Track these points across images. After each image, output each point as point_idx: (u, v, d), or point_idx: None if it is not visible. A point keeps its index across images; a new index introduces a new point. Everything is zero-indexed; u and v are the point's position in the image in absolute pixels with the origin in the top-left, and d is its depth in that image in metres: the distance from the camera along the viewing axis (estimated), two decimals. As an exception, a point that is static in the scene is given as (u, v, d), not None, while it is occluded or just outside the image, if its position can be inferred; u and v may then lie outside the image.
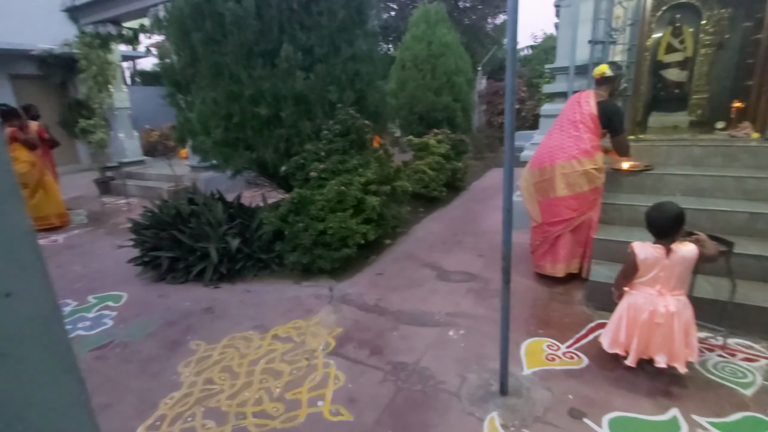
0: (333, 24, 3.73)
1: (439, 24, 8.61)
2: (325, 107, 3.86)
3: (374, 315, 2.97)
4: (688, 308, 2.07)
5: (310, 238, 3.49)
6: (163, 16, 4.06)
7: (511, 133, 1.85)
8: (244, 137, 3.84)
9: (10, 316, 0.36)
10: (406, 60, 8.60)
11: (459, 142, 6.62)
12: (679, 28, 4.95)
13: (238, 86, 3.61)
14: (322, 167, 3.64)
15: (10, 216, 0.36)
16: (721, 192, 3.25)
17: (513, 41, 1.76)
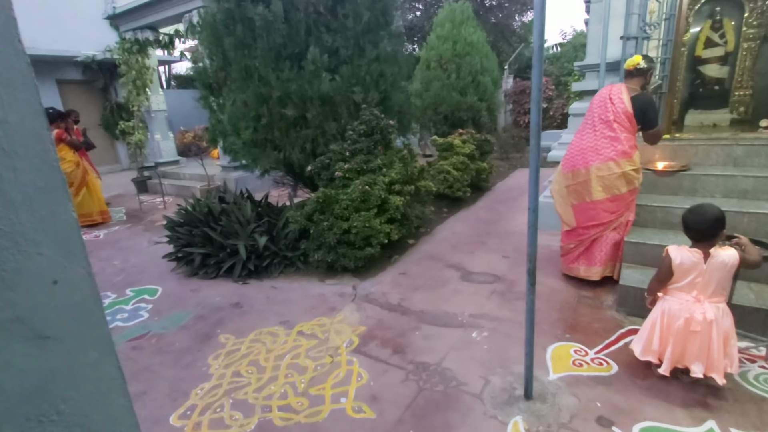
0: (358, 26, 3.75)
1: (465, 23, 8.50)
2: (350, 108, 3.90)
3: (397, 314, 2.97)
4: (728, 316, 1.96)
5: (335, 236, 3.53)
6: (197, 22, 4.22)
7: (537, 132, 1.80)
8: (272, 138, 3.93)
9: (55, 302, 0.39)
10: (431, 60, 8.55)
11: (484, 142, 6.52)
12: (720, 21, 4.69)
13: (267, 88, 3.70)
14: (347, 167, 3.68)
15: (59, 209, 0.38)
16: (764, 194, 3.06)
17: (540, 39, 1.72)
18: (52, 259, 0.39)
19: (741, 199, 3.09)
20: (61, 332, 0.40)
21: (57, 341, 0.39)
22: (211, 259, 3.83)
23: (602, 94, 3.07)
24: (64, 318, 0.40)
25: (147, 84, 8.34)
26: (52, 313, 0.39)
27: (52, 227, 0.38)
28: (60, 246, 0.39)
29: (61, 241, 0.39)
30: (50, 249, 0.38)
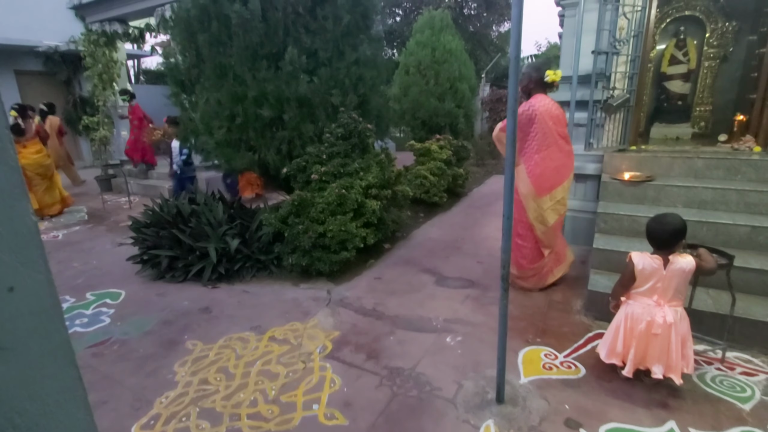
0: (338, 29, 3.76)
1: (444, 30, 8.66)
2: (328, 110, 3.88)
3: (371, 319, 2.97)
4: (685, 320, 2.07)
5: (310, 240, 3.49)
6: (170, 17, 4.10)
7: (513, 141, 1.85)
8: (246, 138, 3.86)
9: (12, 311, 0.37)
10: (410, 65, 8.65)
11: (461, 148, 6.64)
12: (683, 40, 4.98)
13: (242, 88, 3.64)
14: (324, 170, 3.66)
15: (17, 212, 0.37)
16: (722, 205, 3.26)
17: (517, 49, 1.78)
18: (8, 265, 0.37)
19: (701, 209, 3.28)
20: (17, 342, 0.38)
21: (12, 352, 0.37)
22: (179, 262, 3.71)
23: (552, 109, 3.01)
24: (20, 327, 0.38)
25: (114, 78, 8.03)
26: (8, 322, 0.37)
27: (10, 231, 0.36)
28: (17, 251, 0.37)
29: (19, 245, 0.37)
30: (6, 254, 0.36)
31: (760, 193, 3.15)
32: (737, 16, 4.75)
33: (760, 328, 2.44)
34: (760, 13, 4.41)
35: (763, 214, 3.11)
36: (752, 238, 2.92)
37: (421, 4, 14.15)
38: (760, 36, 4.24)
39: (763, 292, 2.67)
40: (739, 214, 3.13)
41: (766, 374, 2.24)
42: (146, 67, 15.62)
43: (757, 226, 2.92)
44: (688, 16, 4.94)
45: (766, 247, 2.89)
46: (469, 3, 14.88)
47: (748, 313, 2.48)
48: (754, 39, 4.57)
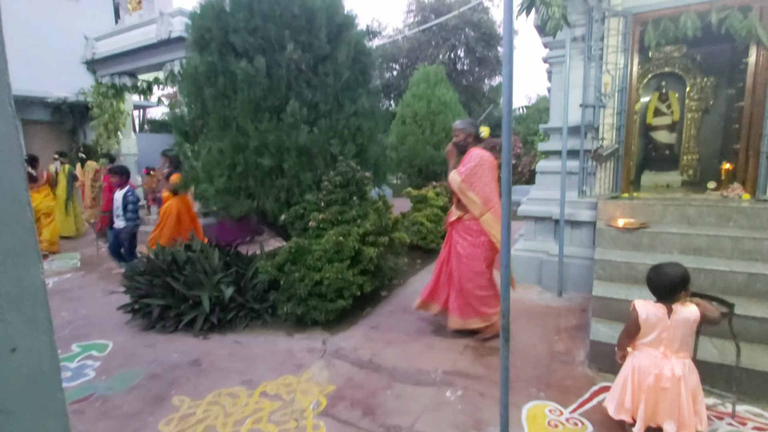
0: (338, 83, 3.97)
1: (439, 84, 9.16)
2: (327, 159, 4.01)
3: (368, 371, 2.87)
4: (694, 372, 2.02)
5: (306, 288, 3.46)
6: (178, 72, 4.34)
7: (508, 190, 1.90)
8: (246, 186, 3.94)
9: (12, 373, 0.37)
10: (406, 116, 9.04)
11: (457, 195, 6.75)
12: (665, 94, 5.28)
13: (244, 138, 3.77)
14: (322, 217, 3.70)
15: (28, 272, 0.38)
16: (717, 251, 3.29)
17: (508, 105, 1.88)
18: (13, 325, 0.37)
19: (696, 256, 3.30)
20: (17, 405, 0.37)
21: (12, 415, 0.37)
22: (170, 311, 3.63)
23: (490, 158, 3.24)
24: (18, 390, 0.37)
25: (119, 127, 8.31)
26: (7, 384, 0.37)
27: (19, 291, 0.37)
28: (24, 311, 0.38)
29: (26, 305, 0.38)
30: (13, 314, 0.37)
31: (754, 240, 3.19)
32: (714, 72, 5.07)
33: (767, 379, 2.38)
34: (735, 69, 4.72)
35: (758, 260, 3.14)
36: (750, 286, 2.92)
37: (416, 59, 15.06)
38: (738, 90, 4.50)
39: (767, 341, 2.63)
40: (735, 261, 3.15)
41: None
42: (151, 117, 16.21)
43: (754, 273, 2.93)
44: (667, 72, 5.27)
45: (765, 295, 2.89)
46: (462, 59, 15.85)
47: (755, 363, 2.42)
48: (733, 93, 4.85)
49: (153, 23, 6.68)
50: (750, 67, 3.91)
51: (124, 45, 7.19)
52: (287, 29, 3.75)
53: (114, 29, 7.76)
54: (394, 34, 16.33)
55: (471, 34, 14.87)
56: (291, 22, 3.78)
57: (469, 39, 14.88)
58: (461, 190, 3.12)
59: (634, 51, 4.19)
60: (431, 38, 15.07)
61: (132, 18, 7.32)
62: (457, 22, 14.34)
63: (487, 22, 14.93)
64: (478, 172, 3.12)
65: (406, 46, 15.52)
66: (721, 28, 3.80)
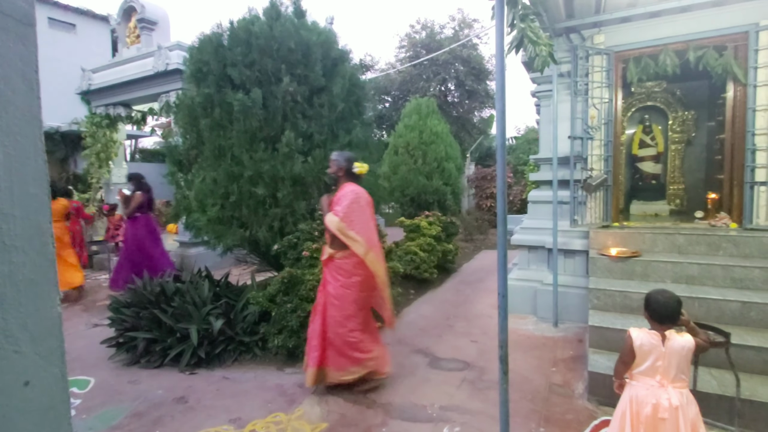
0: (333, 114, 4.08)
1: (430, 115, 9.43)
2: (321, 188, 4.05)
3: (362, 407, 2.78)
4: (693, 404, 2.00)
5: (299, 319, 3.40)
6: (174, 102, 4.42)
7: (504, 218, 1.94)
8: (239, 215, 3.94)
9: (24, 406, 0.36)
10: (399, 146, 9.23)
11: (449, 224, 6.82)
12: (649, 126, 5.50)
13: (239, 167, 3.81)
14: (315, 246, 3.69)
15: (45, 304, 0.38)
16: (710, 280, 3.34)
17: (502, 138, 1.95)
18: (28, 358, 0.37)
19: (689, 285, 3.34)
20: None
21: None
22: (156, 345, 3.52)
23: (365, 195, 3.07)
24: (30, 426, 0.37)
25: (111, 157, 8.33)
26: (18, 420, 0.36)
27: (35, 323, 0.37)
28: (38, 343, 0.37)
29: (41, 338, 0.38)
30: (28, 347, 0.37)
31: (744, 269, 3.25)
32: (694, 106, 5.32)
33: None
34: (714, 103, 4.96)
35: (750, 289, 3.18)
36: (744, 314, 2.95)
37: (408, 92, 15.55)
38: (718, 123, 4.71)
39: (765, 371, 2.62)
40: (727, 290, 3.20)
41: (786, 465, 2.11)
42: (142, 146, 16.30)
43: (746, 301, 2.97)
44: (650, 106, 5.52)
45: (759, 323, 2.91)
46: (452, 92, 16.40)
47: (755, 394, 2.41)
48: (713, 125, 5.07)
49: (150, 56, 6.86)
50: (728, 101, 4.12)
51: (120, 77, 7.33)
52: (283, 63, 3.88)
53: (111, 61, 7.93)
54: (386, 67, 16.92)
55: (461, 68, 15.47)
56: (287, 56, 3.92)
57: (459, 73, 15.46)
58: (341, 230, 2.86)
59: (618, 86, 4.40)
60: (422, 72, 15.63)
61: (130, 51, 7.50)
62: (448, 57, 14.94)
63: (476, 58, 15.58)
64: (355, 209, 2.93)
65: (399, 79, 16.05)
66: (698, 66, 4.03)
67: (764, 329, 2.89)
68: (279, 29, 3.92)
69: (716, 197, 4.46)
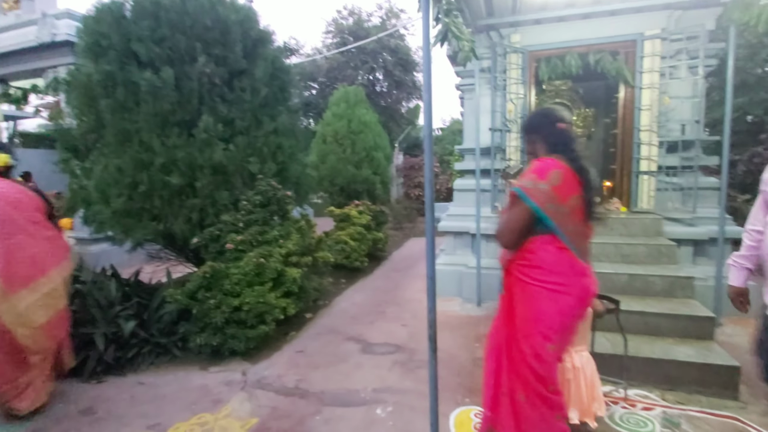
0: (256, 99, 3.92)
1: (359, 104, 9.48)
2: (245, 178, 3.89)
3: (294, 398, 2.78)
4: (591, 363, 2.33)
5: (223, 315, 3.27)
6: (64, 79, 3.91)
7: (431, 206, 2.02)
8: (150, 207, 3.64)
9: None
10: (327, 135, 9.16)
11: (379, 213, 6.97)
12: (557, 121, 6.11)
13: (149, 154, 3.51)
14: (240, 238, 3.56)
15: None
16: (605, 257, 3.86)
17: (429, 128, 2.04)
18: None
19: (589, 262, 3.83)
20: None
21: None
22: (54, 354, 3.14)
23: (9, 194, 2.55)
24: None
25: (-19, 140, 7.10)
26: None
27: None
28: None
29: None
30: None
31: (630, 246, 3.81)
32: (593, 104, 6.02)
33: (650, 364, 2.82)
34: (609, 102, 5.65)
35: (635, 263, 3.75)
36: (630, 284, 3.48)
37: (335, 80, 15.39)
38: (612, 120, 5.40)
39: (647, 331, 3.13)
40: (618, 264, 3.73)
41: (661, 407, 2.56)
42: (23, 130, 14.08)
43: (632, 273, 3.50)
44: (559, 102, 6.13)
45: (642, 292, 3.45)
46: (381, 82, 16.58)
47: (639, 351, 2.87)
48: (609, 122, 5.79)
49: (33, 24, 5.94)
50: (620, 101, 4.74)
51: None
52: (198, 41, 3.63)
53: (-21, 27, 6.72)
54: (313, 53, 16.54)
55: (389, 58, 15.68)
56: (203, 34, 3.67)
57: (387, 63, 15.66)
58: None
59: (531, 83, 4.83)
60: (350, 60, 15.57)
61: (7, 18, 6.42)
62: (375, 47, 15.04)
63: (404, 48, 15.90)
64: None
65: (326, 65, 15.80)
66: (597, 68, 4.58)
67: (646, 297, 3.43)
68: (192, 4, 3.66)
69: (611, 185, 5.14)
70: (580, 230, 1.94)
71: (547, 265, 1.85)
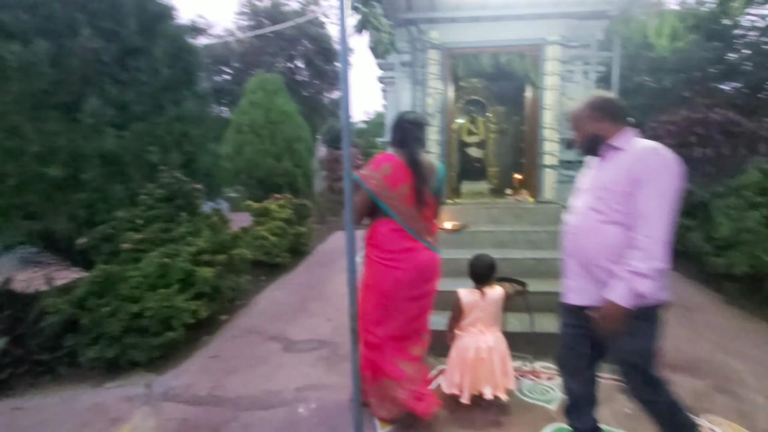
0: (156, 82, 3.58)
1: (278, 93, 9.14)
2: (144, 169, 3.54)
3: (208, 407, 2.62)
4: (503, 342, 2.54)
5: (120, 324, 2.95)
6: None
7: (351, 198, 2.04)
8: (23, 203, 3.14)
9: None
10: (243, 124, 8.70)
11: (301, 207, 6.83)
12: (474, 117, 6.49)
13: (20, 141, 3.02)
14: (140, 237, 3.24)
15: None
16: (515, 243, 4.21)
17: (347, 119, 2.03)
18: None
19: (501, 249, 4.16)
20: None
21: None
22: None
23: None
24: None
25: None
26: None
27: None
28: None
29: None
30: None
31: (537, 233, 4.21)
32: (505, 102, 6.49)
33: (554, 338, 3.13)
34: (518, 101, 6.14)
35: (541, 248, 4.14)
36: (536, 268, 3.84)
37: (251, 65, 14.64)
38: (521, 117, 5.88)
39: (549, 309, 3.47)
40: (526, 250, 4.10)
41: (561, 377, 2.87)
42: None
43: (539, 258, 3.87)
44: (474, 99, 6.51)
45: (546, 274, 3.83)
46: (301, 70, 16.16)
47: (543, 327, 3.19)
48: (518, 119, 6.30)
49: None
50: (528, 100, 5.19)
51: None
52: (81, 12, 3.20)
53: None
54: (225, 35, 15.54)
55: (309, 46, 15.32)
56: (87, 3, 3.26)
57: (307, 51, 15.30)
58: None
59: (450, 80, 5.06)
60: (267, 45, 14.92)
61: None
62: (295, 33, 14.60)
63: (325, 37, 15.65)
64: None
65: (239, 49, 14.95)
66: (508, 68, 4.95)
67: (550, 278, 3.80)
68: (72, -34, 3.21)
69: (521, 177, 5.61)
70: (413, 213, 2.26)
71: (382, 244, 2.23)
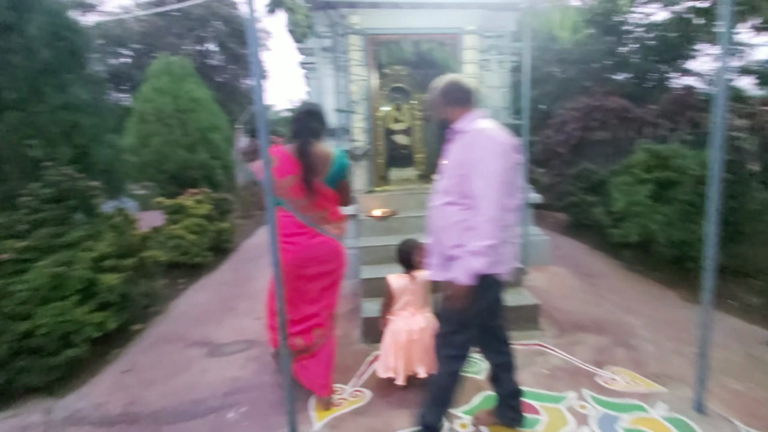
0: (33, 65, 3.12)
1: (186, 78, 8.46)
2: (25, 166, 3.08)
3: (122, 426, 2.40)
4: (433, 322, 2.64)
5: (7, 346, 2.57)
6: None
7: (271, 189, 2.00)
8: None
9: None
10: (147, 113, 7.93)
11: (222, 201, 6.46)
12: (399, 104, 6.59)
13: None
14: (23, 245, 2.83)
15: None
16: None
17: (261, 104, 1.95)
18: None
19: (430, 233, 4.31)
20: None
21: None
22: None
23: None
24: None
25: None
26: None
27: None
28: None
29: None
30: None
31: (462, 216, 4.42)
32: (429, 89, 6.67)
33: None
34: (439, 87, 6.36)
35: (466, 231, 4.37)
36: (463, 250, 4.04)
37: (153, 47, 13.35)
38: (443, 104, 6.10)
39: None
40: (453, 233, 4.28)
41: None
42: None
43: (463, 240, 4.07)
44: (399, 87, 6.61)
45: (473, 255, 4.06)
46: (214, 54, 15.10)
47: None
48: (441, 105, 6.52)
49: None
50: (448, 86, 5.36)
51: None
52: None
53: None
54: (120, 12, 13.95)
55: (222, 28, 14.34)
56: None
57: (219, 33, 14.31)
58: None
59: (373, 66, 5.06)
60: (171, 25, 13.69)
61: None
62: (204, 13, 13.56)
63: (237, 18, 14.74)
64: None
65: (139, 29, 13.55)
66: (430, 56, 5.07)
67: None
68: None
69: (445, 163, 5.83)
70: (303, 203, 2.45)
71: (280, 229, 2.36)
